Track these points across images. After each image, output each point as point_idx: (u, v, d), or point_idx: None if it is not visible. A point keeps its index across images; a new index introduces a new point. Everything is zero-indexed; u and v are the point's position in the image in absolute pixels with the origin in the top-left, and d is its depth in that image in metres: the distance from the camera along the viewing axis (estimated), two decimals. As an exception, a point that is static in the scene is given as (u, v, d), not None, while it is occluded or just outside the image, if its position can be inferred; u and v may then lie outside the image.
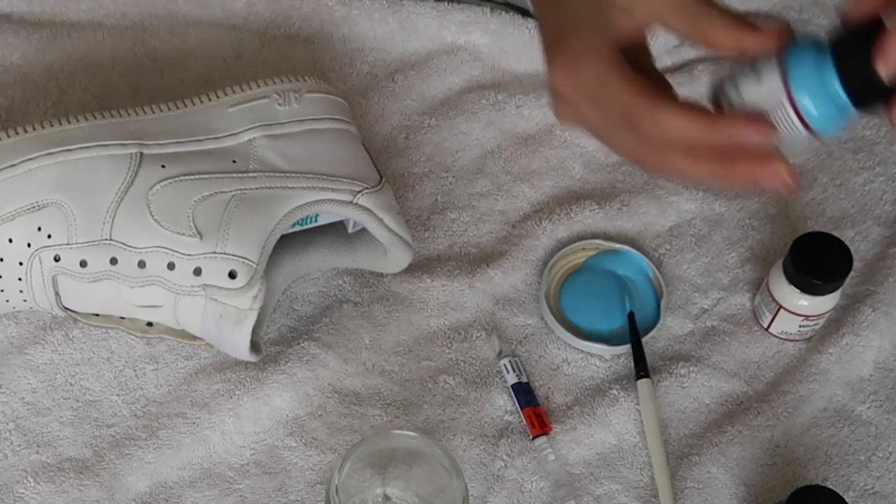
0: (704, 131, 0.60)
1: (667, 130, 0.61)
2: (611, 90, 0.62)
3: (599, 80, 0.62)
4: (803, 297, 0.84)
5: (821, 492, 0.74)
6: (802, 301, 0.84)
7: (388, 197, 0.83)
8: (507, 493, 0.80)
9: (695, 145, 0.61)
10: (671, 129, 0.61)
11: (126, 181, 0.78)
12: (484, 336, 0.86)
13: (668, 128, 0.61)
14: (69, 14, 0.96)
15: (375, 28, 0.99)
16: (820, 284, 0.83)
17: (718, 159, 0.61)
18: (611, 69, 0.62)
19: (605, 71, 0.62)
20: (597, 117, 0.64)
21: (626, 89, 0.62)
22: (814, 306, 0.85)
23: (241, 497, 0.79)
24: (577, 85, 0.63)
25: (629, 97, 0.62)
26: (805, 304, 0.84)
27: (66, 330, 0.83)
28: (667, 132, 0.61)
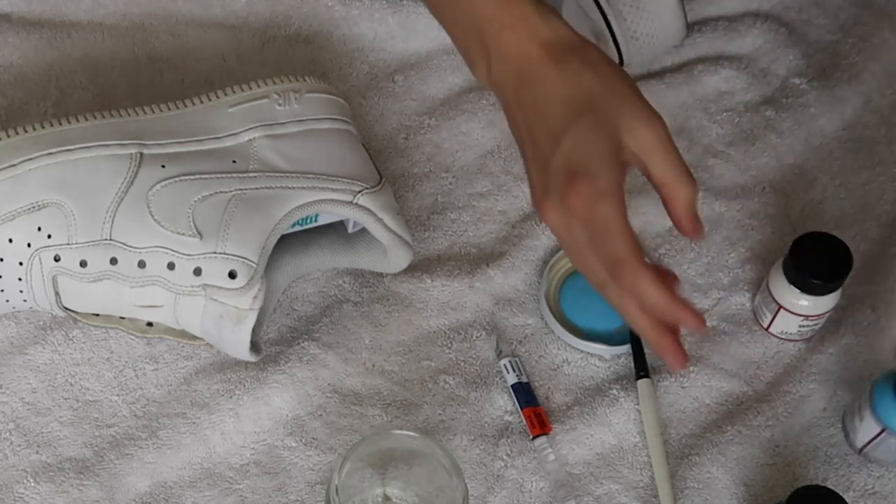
0: (663, 304, 0.70)
1: (640, 291, 0.70)
2: (615, 236, 0.70)
3: (609, 223, 0.70)
4: (803, 297, 0.84)
5: (821, 492, 0.74)
6: (802, 301, 0.84)
7: (388, 197, 0.83)
8: (507, 493, 0.80)
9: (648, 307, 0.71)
10: (644, 291, 0.70)
11: (126, 181, 0.78)
12: (484, 336, 0.86)
13: (643, 291, 0.70)
14: (69, 14, 0.96)
15: (375, 28, 0.99)
16: (820, 284, 0.83)
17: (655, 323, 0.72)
18: (621, 218, 0.70)
19: (616, 218, 0.70)
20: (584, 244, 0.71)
21: (626, 244, 0.70)
22: (814, 306, 0.85)
23: (241, 497, 0.79)
24: (589, 215, 0.70)
25: (626, 252, 0.70)
26: (805, 304, 0.84)
27: (66, 330, 0.83)
28: (639, 291, 0.70)
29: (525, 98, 0.74)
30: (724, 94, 0.99)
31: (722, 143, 0.97)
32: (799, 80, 1.00)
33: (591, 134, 0.71)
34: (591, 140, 0.71)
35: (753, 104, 0.99)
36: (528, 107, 0.74)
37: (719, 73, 1.00)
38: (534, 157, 0.74)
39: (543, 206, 0.72)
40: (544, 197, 0.72)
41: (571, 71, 0.73)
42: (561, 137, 0.72)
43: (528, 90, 0.74)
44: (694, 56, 1.01)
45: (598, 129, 0.72)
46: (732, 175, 0.95)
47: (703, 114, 0.98)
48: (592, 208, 0.70)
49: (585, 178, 0.70)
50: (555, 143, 0.72)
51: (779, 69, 1.00)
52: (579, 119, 0.72)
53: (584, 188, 0.70)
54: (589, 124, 0.72)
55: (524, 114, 0.74)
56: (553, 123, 0.72)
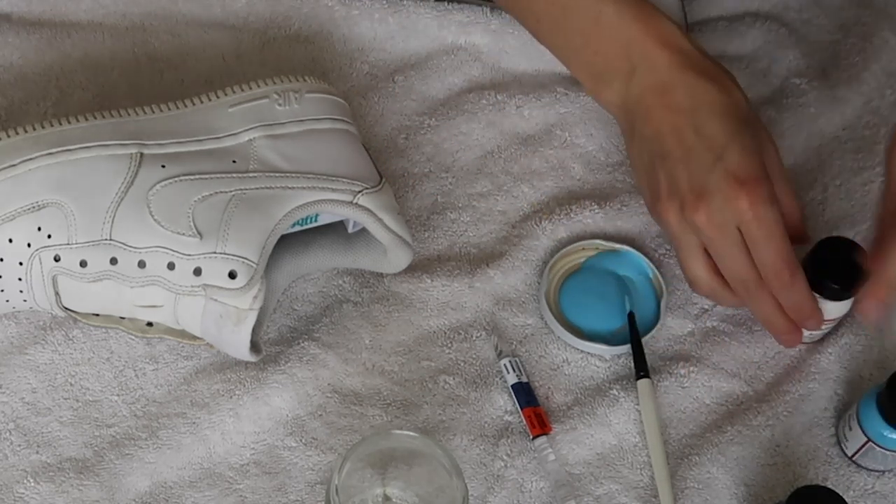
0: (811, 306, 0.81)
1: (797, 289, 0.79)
2: (781, 240, 0.78)
3: (777, 226, 0.77)
4: (821, 302, 0.83)
5: (821, 492, 0.74)
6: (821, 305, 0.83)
7: (388, 197, 0.83)
8: (507, 493, 0.80)
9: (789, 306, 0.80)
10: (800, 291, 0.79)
11: (126, 181, 0.78)
12: (484, 336, 0.86)
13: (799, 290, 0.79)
14: (69, 14, 0.96)
15: (375, 28, 0.99)
16: (838, 289, 0.83)
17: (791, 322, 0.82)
18: (781, 220, 0.78)
19: (782, 222, 0.78)
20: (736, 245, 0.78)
21: (789, 247, 0.78)
22: (830, 310, 0.84)
23: (241, 497, 0.79)
24: (756, 219, 0.77)
25: (790, 255, 0.78)
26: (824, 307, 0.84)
27: (66, 330, 0.83)
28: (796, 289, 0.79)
29: (677, 106, 0.80)
30: (724, 94, 0.99)
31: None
32: (799, 80, 1.00)
33: (753, 145, 0.79)
34: (755, 151, 0.79)
35: (753, 104, 0.98)
36: (680, 115, 0.80)
37: (719, 73, 1.00)
38: (685, 159, 0.79)
39: (698, 207, 0.78)
40: (699, 199, 0.78)
41: (724, 86, 0.81)
42: (728, 145, 0.78)
43: (680, 99, 0.80)
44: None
45: (756, 141, 0.80)
46: (732, 175, 0.95)
47: (703, 114, 0.98)
48: (763, 212, 0.77)
49: (757, 183, 0.77)
50: (720, 149, 0.78)
51: (779, 69, 1.00)
52: (742, 130, 0.79)
53: (758, 192, 0.77)
54: (751, 136, 0.80)
55: (675, 123, 0.80)
56: (716, 133, 0.79)
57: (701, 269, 0.81)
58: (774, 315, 0.81)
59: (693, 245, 0.81)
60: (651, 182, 0.82)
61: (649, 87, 0.81)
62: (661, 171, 0.80)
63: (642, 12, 0.83)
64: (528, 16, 0.89)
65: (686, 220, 0.79)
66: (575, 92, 0.98)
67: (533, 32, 0.90)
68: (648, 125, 0.81)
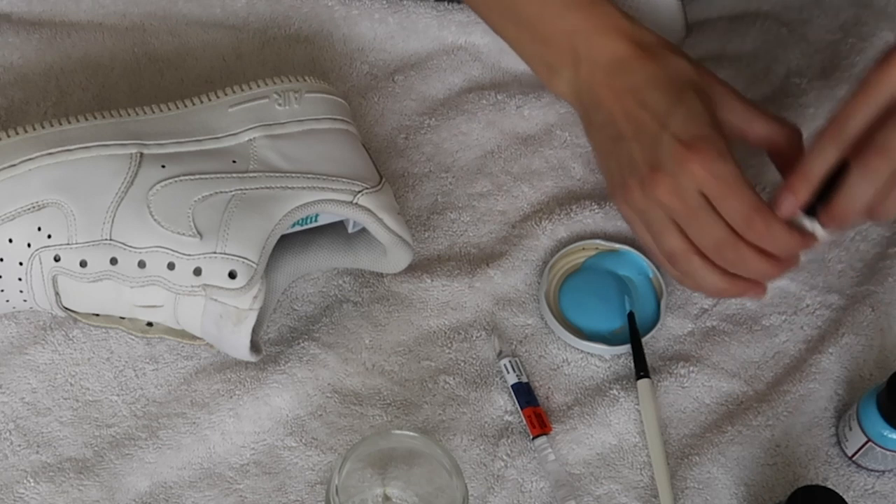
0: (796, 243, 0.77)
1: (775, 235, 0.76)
2: (743, 190, 0.76)
3: (735, 178, 0.76)
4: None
5: (821, 492, 0.74)
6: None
7: (388, 197, 0.83)
8: (507, 493, 0.80)
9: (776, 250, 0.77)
10: (779, 235, 0.76)
11: (126, 181, 0.78)
12: (484, 336, 0.86)
13: (778, 235, 0.76)
14: (69, 14, 0.96)
15: (375, 28, 0.99)
16: None
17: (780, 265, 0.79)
18: (743, 174, 0.76)
19: (740, 173, 0.76)
20: (699, 207, 0.76)
21: (754, 194, 0.76)
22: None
23: (241, 497, 0.79)
24: (711, 177, 0.76)
25: (757, 201, 0.76)
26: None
27: (66, 330, 0.83)
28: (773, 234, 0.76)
29: (621, 87, 0.80)
30: (724, 94, 0.99)
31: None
32: (799, 80, 1.00)
33: (697, 108, 0.78)
34: (699, 113, 0.78)
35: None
36: (626, 95, 0.80)
37: (719, 73, 0.99)
38: (636, 137, 0.79)
39: (655, 180, 0.77)
40: (654, 172, 0.77)
41: (664, 61, 0.81)
42: (670, 114, 0.78)
43: (624, 80, 0.80)
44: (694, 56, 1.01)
45: (701, 104, 0.78)
46: (732, 175, 0.95)
47: (703, 114, 0.98)
48: (715, 168, 0.75)
49: (704, 141, 0.76)
50: (663, 119, 0.78)
51: (779, 69, 1.00)
52: (684, 96, 0.78)
53: (707, 151, 0.76)
54: (693, 100, 0.78)
55: (622, 103, 0.80)
56: (658, 103, 0.79)
57: (676, 240, 0.79)
58: (763, 266, 0.78)
59: (662, 219, 0.79)
60: (610, 168, 0.82)
61: (595, 75, 0.82)
62: (618, 154, 0.80)
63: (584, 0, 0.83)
64: (483, 9, 0.90)
65: (648, 196, 0.78)
66: (575, 92, 0.98)
67: (490, 26, 0.90)
68: (600, 112, 0.82)
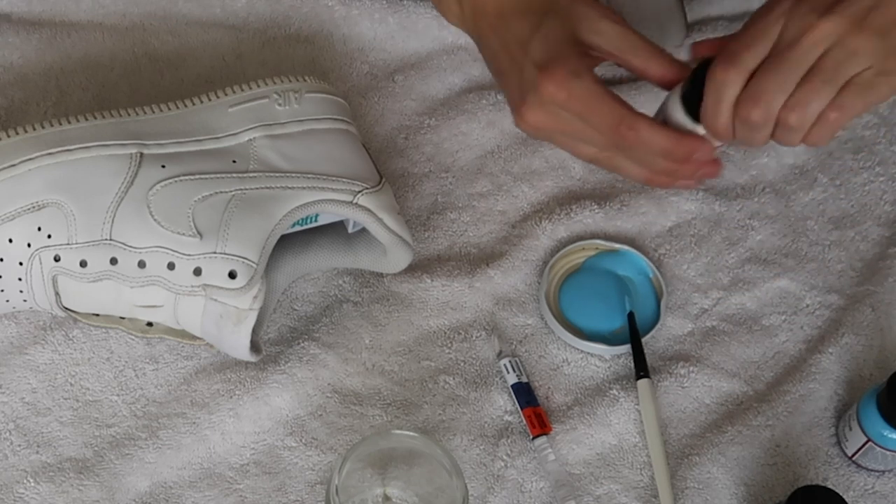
0: (673, 142, 0.75)
1: (645, 139, 0.74)
2: (602, 103, 0.75)
3: (591, 93, 0.75)
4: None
5: (821, 492, 0.74)
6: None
7: (388, 197, 0.83)
8: (507, 493, 0.80)
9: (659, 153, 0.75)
10: (650, 138, 0.75)
11: (126, 181, 0.78)
12: (484, 336, 0.86)
13: (648, 138, 0.74)
14: (69, 14, 0.96)
15: (375, 28, 0.99)
16: None
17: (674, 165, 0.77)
18: (601, 87, 0.75)
19: (599, 88, 0.75)
20: (575, 127, 0.76)
21: (615, 104, 0.75)
22: None
23: (241, 497, 0.79)
24: (569, 96, 0.75)
25: (619, 110, 0.75)
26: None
27: (66, 330, 0.83)
28: (644, 140, 0.74)
29: (493, 17, 0.80)
30: (724, 94, 0.99)
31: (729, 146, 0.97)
32: (799, 80, 0.99)
33: (554, 31, 0.77)
34: (556, 35, 0.77)
35: (753, 104, 0.99)
36: (497, 26, 0.80)
37: (719, 73, 1.00)
38: (510, 69, 0.79)
39: (523, 110, 0.77)
40: (522, 101, 0.77)
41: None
42: (529, 41, 0.77)
43: (494, 10, 0.80)
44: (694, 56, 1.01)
45: (560, 26, 0.77)
46: (732, 175, 0.95)
47: (703, 114, 0.98)
48: (571, 87, 0.74)
49: (555, 63, 0.75)
50: (525, 47, 0.77)
51: (779, 69, 1.00)
52: (544, 20, 0.78)
53: (558, 72, 0.75)
54: (552, 24, 0.77)
55: (497, 34, 0.80)
56: (520, 32, 0.78)
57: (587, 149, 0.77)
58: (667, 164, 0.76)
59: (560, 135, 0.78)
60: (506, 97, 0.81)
61: (473, 9, 0.82)
62: (504, 86, 0.80)
63: None
64: None
65: (533, 126, 0.78)
66: (575, 92, 0.98)
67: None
68: (485, 47, 0.82)
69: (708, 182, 0.94)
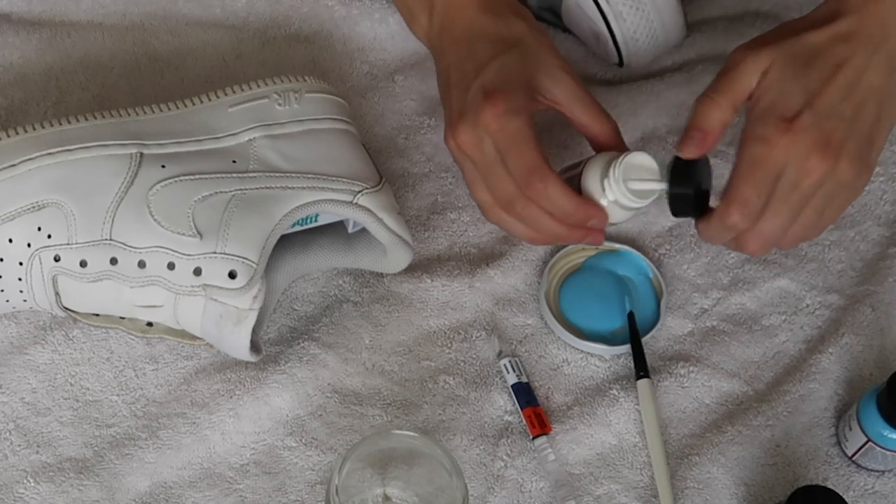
0: (573, 205, 0.76)
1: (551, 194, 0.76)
2: (525, 148, 0.76)
3: (521, 135, 0.76)
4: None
5: (821, 492, 0.74)
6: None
7: (388, 197, 0.83)
8: (507, 493, 0.80)
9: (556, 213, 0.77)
10: (555, 195, 0.76)
11: (126, 181, 0.78)
12: (484, 336, 0.86)
13: (553, 196, 0.76)
14: (69, 14, 0.96)
15: (375, 28, 0.99)
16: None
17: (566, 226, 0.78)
18: (531, 133, 0.76)
19: (528, 132, 0.76)
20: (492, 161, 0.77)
21: (536, 154, 0.76)
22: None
23: (241, 497, 0.79)
24: (500, 129, 0.76)
25: (537, 161, 0.76)
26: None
27: (66, 330, 0.83)
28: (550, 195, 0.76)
29: (459, 36, 0.81)
30: (724, 93, 0.99)
31: (722, 142, 0.97)
32: (799, 80, 0.99)
33: (513, 64, 0.78)
34: (513, 69, 0.78)
35: (753, 104, 0.99)
36: (461, 44, 0.81)
37: (719, 73, 1.00)
38: (458, 85, 0.79)
39: (457, 126, 0.77)
40: (459, 118, 0.77)
41: (504, 20, 0.81)
42: (488, 64, 0.78)
43: (462, 30, 0.81)
44: (694, 56, 1.01)
45: (520, 62, 0.79)
46: (732, 175, 0.95)
47: (703, 114, 0.98)
48: (506, 122, 0.75)
49: (501, 94, 0.76)
50: (481, 69, 0.78)
51: (779, 69, 1.00)
52: (506, 52, 0.79)
53: (500, 104, 0.76)
54: (513, 57, 0.79)
55: (457, 51, 0.81)
56: (481, 55, 0.79)
57: (483, 193, 0.78)
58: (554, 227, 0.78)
59: (472, 170, 0.79)
60: (444, 115, 0.81)
61: (442, 24, 0.83)
62: (447, 102, 0.81)
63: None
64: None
65: (457, 144, 0.78)
66: (575, 92, 0.98)
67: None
68: (441, 61, 0.82)
69: (708, 182, 0.94)
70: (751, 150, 0.73)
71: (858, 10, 0.75)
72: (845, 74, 0.73)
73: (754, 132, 0.73)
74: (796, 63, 0.74)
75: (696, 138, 0.75)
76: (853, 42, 0.74)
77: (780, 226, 0.75)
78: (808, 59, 0.74)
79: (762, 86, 0.74)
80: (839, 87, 0.73)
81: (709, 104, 0.75)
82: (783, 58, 0.74)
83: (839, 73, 0.73)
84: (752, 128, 0.73)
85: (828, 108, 0.73)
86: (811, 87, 0.73)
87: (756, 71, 0.74)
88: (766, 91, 0.74)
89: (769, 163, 0.73)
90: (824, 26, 0.75)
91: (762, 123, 0.73)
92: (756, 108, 0.74)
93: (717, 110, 0.75)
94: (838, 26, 0.74)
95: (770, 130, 0.72)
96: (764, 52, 0.74)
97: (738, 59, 0.75)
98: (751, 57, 0.74)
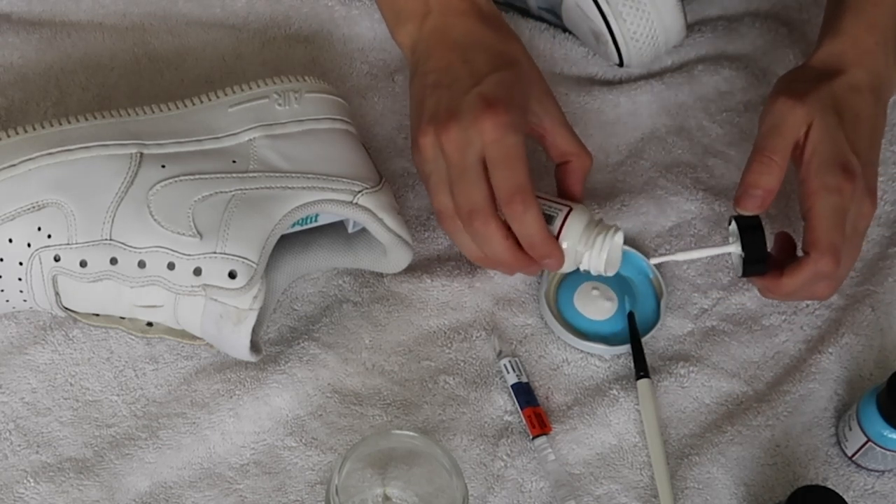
0: (542, 239, 0.78)
1: (526, 220, 0.77)
2: (518, 165, 0.76)
3: (516, 151, 0.76)
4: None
5: (821, 492, 0.74)
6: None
7: (388, 197, 0.83)
8: (507, 493, 0.80)
9: (522, 237, 0.78)
10: (530, 222, 0.77)
11: (126, 181, 0.78)
12: (484, 336, 0.86)
13: (528, 220, 0.77)
14: (69, 14, 0.96)
15: (375, 28, 0.99)
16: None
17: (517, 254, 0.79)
18: (524, 152, 0.77)
19: (522, 150, 0.77)
20: (471, 166, 0.77)
21: (526, 176, 0.77)
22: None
23: (241, 497, 0.79)
24: (497, 141, 0.76)
25: (525, 182, 0.76)
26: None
27: (66, 330, 0.83)
28: (525, 221, 0.77)
29: (455, 43, 0.82)
30: (724, 94, 0.99)
31: (722, 143, 0.97)
32: (799, 80, 0.99)
33: (513, 82, 0.79)
34: (513, 87, 0.79)
35: (753, 104, 0.99)
36: (456, 50, 0.81)
37: (719, 73, 1.00)
38: (449, 86, 0.80)
39: (446, 124, 0.77)
40: (450, 117, 0.78)
41: (504, 37, 0.83)
42: (485, 75, 0.79)
43: (460, 38, 0.82)
44: (694, 56, 1.01)
45: (519, 83, 0.80)
46: (732, 175, 0.95)
47: (703, 114, 0.98)
48: (504, 135, 0.76)
49: (504, 107, 0.77)
50: (477, 77, 0.79)
51: (779, 69, 1.00)
52: (505, 68, 0.80)
53: (503, 115, 0.76)
54: (512, 75, 0.80)
55: (449, 54, 0.81)
56: (479, 64, 0.80)
57: (445, 199, 0.79)
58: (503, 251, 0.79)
59: (440, 175, 0.79)
60: (418, 112, 0.82)
61: (436, 29, 0.83)
62: (429, 99, 0.81)
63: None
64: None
65: (437, 144, 0.78)
66: (575, 92, 0.98)
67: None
68: (428, 62, 0.83)
69: (708, 182, 0.94)
70: (828, 201, 0.78)
71: (860, 62, 0.82)
72: (866, 124, 0.81)
73: (826, 183, 0.78)
74: (831, 114, 0.80)
75: (758, 197, 0.80)
76: (864, 93, 0.82)
77: (850, 267, 0.81)
78: (836, 111, 0.80)
79: (812, 139, 0.79)
80: (864, 137, 0.81)
81: (768, 164, 0.79)
82: (822, 110, 0.80)
83: (861, 123, 0.81)
84: (821, 179, 0.78)
85: (864, 156, 0.80)
86: (847, 136, 0.80)
87: (803, 124, 0.80)
88: (819, 143, 0.79)
89: (842, 210, 0.78)
90: (837, 77, 0.82)
91: (830, 174, 0.78)
92: (815, 159, 0.79)
93: (776, 169, 0.79)
94: (849, 78, 0.82)
95: (839, 180, 0.78)
96: (804, 106, 0.80)
97: (781, 113, 0.80)
98: (796, 111, 0.80)
